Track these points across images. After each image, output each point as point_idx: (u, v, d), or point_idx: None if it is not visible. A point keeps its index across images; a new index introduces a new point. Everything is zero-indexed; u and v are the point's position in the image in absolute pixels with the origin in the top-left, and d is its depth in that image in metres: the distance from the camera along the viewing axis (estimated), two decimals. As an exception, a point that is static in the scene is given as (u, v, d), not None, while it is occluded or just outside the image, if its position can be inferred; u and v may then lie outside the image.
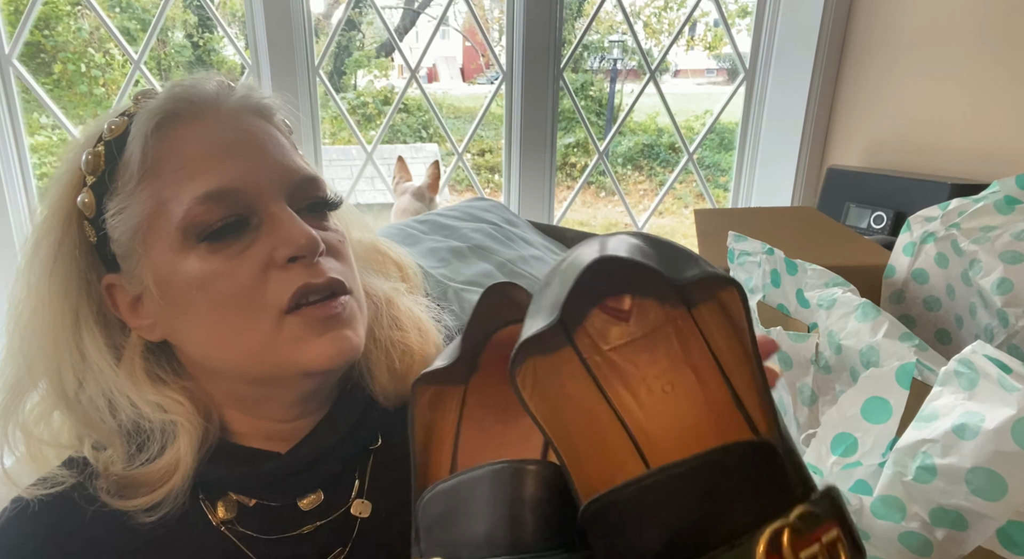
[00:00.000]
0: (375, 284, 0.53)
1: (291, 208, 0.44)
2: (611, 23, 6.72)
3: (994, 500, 0.32)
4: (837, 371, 0.52)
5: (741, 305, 0.28)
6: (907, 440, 0.36)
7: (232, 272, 0.42)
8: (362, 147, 1.35)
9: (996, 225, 0.58)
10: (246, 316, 0.42)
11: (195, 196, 0.41)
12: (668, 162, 6.70)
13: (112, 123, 0.44)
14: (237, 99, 0.46)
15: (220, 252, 0.42)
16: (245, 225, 0.42)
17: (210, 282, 0.42)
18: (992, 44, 1.14)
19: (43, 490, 0.45)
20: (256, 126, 0.45)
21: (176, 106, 0.43)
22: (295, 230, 0.42)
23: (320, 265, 0.43)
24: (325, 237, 0.45)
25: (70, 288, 0.44)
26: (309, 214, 0.45)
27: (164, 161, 0.42)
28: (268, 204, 0.43)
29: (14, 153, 1.10)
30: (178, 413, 0.44)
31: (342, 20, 1.40)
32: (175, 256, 0.42)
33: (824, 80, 1.42)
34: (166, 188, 0.42)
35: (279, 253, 0.42)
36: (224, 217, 0.42)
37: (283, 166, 0.44)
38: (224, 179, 0.42)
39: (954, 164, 1.21)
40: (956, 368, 0.36)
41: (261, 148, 0.44)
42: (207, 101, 0.44)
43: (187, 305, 0.43)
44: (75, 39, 4.53)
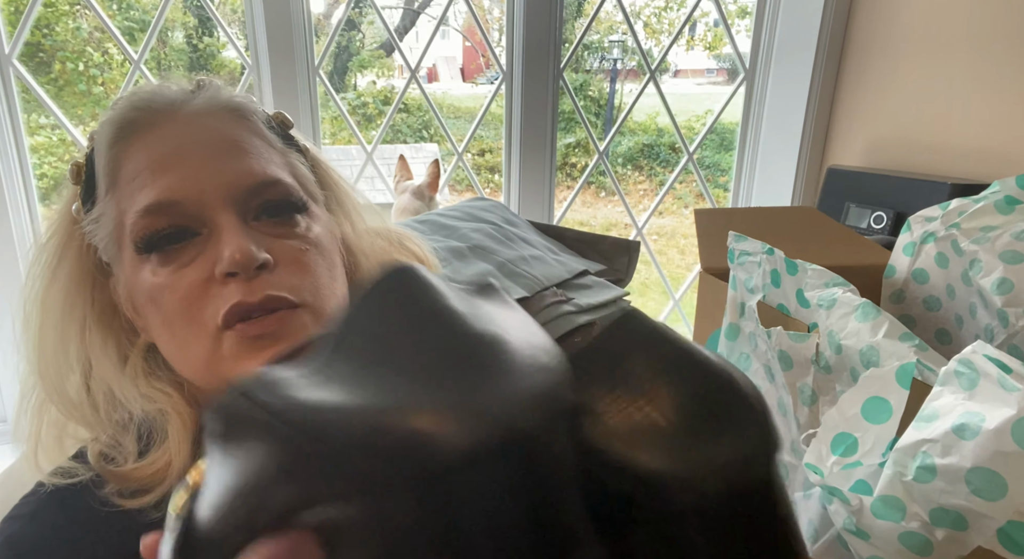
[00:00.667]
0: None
1: (246, 216, 0.42)
2: (611, 23, 6.73)
3: (994, 500, 0.32)
4: (837, 371, 0.52)
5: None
6: (907, 440, 0.36)
7: (175, 285, 0.41)
8: (362, 147, 1.35)
9: (996, 225, 0.58)
10: (190, 330, 0.42)
11: (138, 209, 0.41)
12: (668, 162, 6.70)
13: (94, 132, 0.44)
14: (200, 101, 0.44)
15: (168, 265, 0.41)
16: (189, 236, 0.41)
17: (158, 295, 0.41)
18: (992, 44, 1.14)
19: (63, 480, 0.45)
20: (215, 127, 0.43)
21: (133, 115, 0.43)
22: (229, 244, 0.40)
23: (259, 282, 0.41)
24: (282, 249, 0.43)
25: (72, 290, 0.45)
26: (270, 220, 0.43)
27: (121, 172, 0.42)
28: (214, 214, 0.41)
29: (14, 153, 1.10)
30: (165, 403, 0.44)
31: (342, 20, 1.40)
32: (135, 267, 0.42)
33: (824, 80, 1.42)
34: (123, 199, 0.42)
35: (217, 268, 0.41)
36: (166, 229, 0.41)
37: (233, 172, 0.42)
38: (164, 191, 0.41)
39: (954, 164, 1.21)
40: (956, 368, 0.36)
41: (213, 154, 0.42)
42: (165, 107, 0.43)
43: (147, 315, 0.43)
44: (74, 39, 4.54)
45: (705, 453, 0.21)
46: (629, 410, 0.23)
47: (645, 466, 0.21)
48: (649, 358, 0.24)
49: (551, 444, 0.19)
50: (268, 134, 0.46)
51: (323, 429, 0.18)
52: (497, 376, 0.20)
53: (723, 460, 0.21)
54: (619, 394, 0.23)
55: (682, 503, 0.21)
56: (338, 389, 0.20)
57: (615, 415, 0.22)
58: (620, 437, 0.22)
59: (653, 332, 0.25)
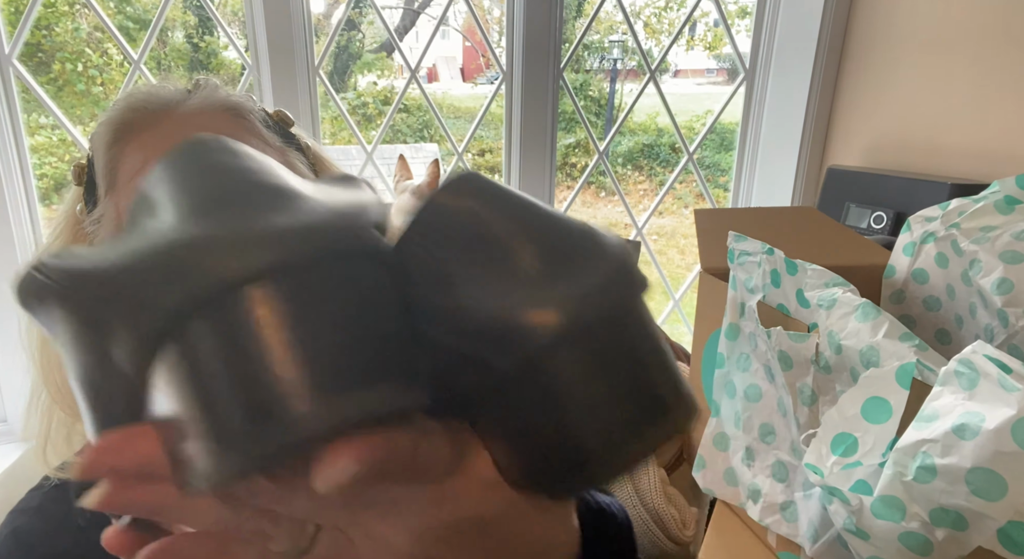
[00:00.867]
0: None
1: None
2: (611, 23, 6.73)
3: (994, 500, 0.32)
4: (837, 371, 0.52)
5: None
6: (907, 440, 0.36)
7: None
8: (362, 147, 1.35)
9: (996, 225, 0.58)
10: None
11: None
12: (668, 162, 6.70)
13: (94, 133, 0.45)
14: (196, 101, 0.44)
15: None
16: None
17: None
18: (992, 44, 1.14)
19: (68, 474, 0.46)
20: (211, 128, 0.44)
21: (130, 116, 0.43)
22: None
23: None
24: None
25: None
26: None
27: (119, 172, 0.42)
28: None
29: (14, 153, 1.10)
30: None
31: (342, 20, 1.40)
32: None
33: (824, 80, 1.42)
34: (122, 199, 0.42)
35: None
36: None
37: None
38: None
39: (954, 164, 1.21)
40: (956, 368, 0.36)
41: None
42: (161, 107, 0.43)
43: None
44: (73, 39, 4.54)
45: (553, 296, 0.21)
46: (481, 273, 0.22)
47: (498, 321, 0.21)
48: (500, 219, 0.23)
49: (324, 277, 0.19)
50: (266, 133, 0.46)
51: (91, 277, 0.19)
52: (273, 213, 0.20)
53: (579, 291, 0.21)
54: (468, 257, 0.22)
55: (541, 343, 0.20)
56: (118, 243, 0.20)
57: (466, 278, 0.22)
58: (472, 298, 0.21)
59: (497, 192, 0.24)
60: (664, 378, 0.22)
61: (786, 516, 0.54)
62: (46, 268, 0.20)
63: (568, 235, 0.23)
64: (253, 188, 0.21)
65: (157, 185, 0.22)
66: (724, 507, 0.66)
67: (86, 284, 0.19)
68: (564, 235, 0.23)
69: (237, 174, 0.21)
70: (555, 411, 0.21)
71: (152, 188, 0.22)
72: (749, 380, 0.63)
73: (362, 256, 0.21)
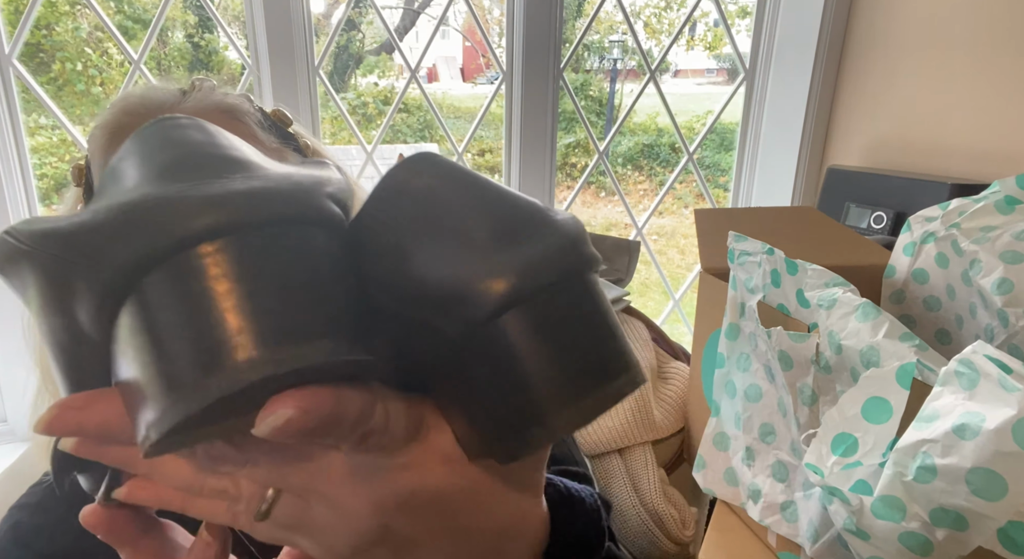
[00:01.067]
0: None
1: None
2: (611, 23, 6.73)
3: (994, 500, 0.32)
4: (837, 371, 0.52)
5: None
6: (907, 440, 0.36)
7: None
8: (362, 147, 1.35)
9: (996, 225, 0.58)
10: None
11: None
12: (668, 162, 6.70)
13: (93, 134, 0.44)
14: (190, 104, 0.44)
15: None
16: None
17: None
18: (992, 44, 1.14)
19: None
20: None
21: (124, 119, 0.43)
22: None
23: None
24: None
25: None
26: None
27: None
28: None
29: (14, 153, 1.10)
30: None
31: (342, 20, 1.40)
32: None
33: (824, 80, 1.42)
34: None
35: None
36: None
37: None
38: None
39: (954, 164, 1.21)
40: (956, 368, 0.36)
41: None
42: (155, 110, 0.43)
43: None
44: (73, 38, 4.54)
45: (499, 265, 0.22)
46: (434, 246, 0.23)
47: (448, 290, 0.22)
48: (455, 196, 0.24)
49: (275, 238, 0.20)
50: (262, 135, 0.46)
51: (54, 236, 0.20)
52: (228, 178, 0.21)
53: (524, 260, 0.22)
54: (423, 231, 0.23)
55: (480, 312, 0.21)
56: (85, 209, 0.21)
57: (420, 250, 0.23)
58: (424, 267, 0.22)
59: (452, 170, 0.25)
60: (609, 346, 0.23)
61: (786, 516, 0.54)
62: (16, 231, 0.21)
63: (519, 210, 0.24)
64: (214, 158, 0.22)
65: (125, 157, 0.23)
66: (724, 507, 0.66)
67: (50, 243, 0.20)
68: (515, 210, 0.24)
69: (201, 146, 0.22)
70: (503, 373, 0.22)
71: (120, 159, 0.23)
72: (749, 380, 0.63)
73: (314, 223, 0.22)
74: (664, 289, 1.62)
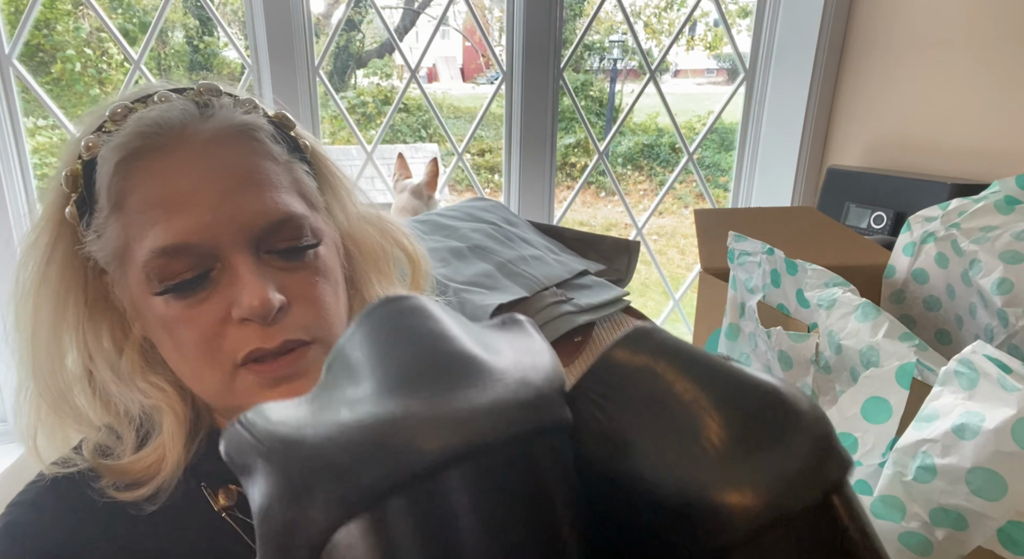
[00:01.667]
0: (373, 290, 0.52)
1: (259, 252, 0.43)
2: (611, 23, 6.73)
3: (994, 500, 0.32)
4: (837, 371, 0.52)
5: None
6: (907, 440, 0.36)
7: (191, 321, 0.42)
8: (362, 147, 1.35)
9: (996, 225, 0.58)
10: (204, 363, 0.43)
11: (152, 249, 0.41)
12: (668, 162, 6.70)
13: (89, 141, 0.43)
14: (210, 127, 0.43)
15: (182, 298, 0.42)
16: (206, 278, 0.42)
17: (172, 327, 0.42)
18: (992, 44, 1.14)
19: (62, 470, 0.46)
20: (226, 159, 0.43)
21: (140, 142, 0.41)
22: (248, 291, 0.41)
23: (277, 327, 0.42)
24: (293, 284, 0.43)
25: (63, 286, 0.45)
26: (279, 256, 0.44)
27: (130, 199, 0.41)
28: (230, 253, 0.41)
29: (14, 153, 1.10)
30: (159, 399, 0.45)
31: (342, 20, 1.40)
32: (143, 292, 0.42)
33: (824, 80, 1.42)
34: (132, 226, 0.41)
35: (234, 311, 0.41)
36: (185, 271, 0.41)
37: (248, 211, 0.42)
38: (179, 233, 0.40)
39: (954, 164, 1.21)
40: (956, 368, 0.36)
41: (226, 191, 0.42)
42: (171, 133, 0.42)
43: (157, 337, 0.44)
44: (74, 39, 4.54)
45: (750, 478, 0.19)
46: (663, 440, 0.21)
47: (684, 498, 0.20)
48: (681, 380, 0.22)
49: (518, 457, 0.20)
50: (275, 150, 0.45)
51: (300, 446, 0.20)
52: (467, 388, 0.20)
53: (768, 482, 0.20)
54: (649, 421, 0.21)
55: (727, 536, 0.19)
56: (321, 407, 0.21)
57: (647, 444, 0.21)
58: (655, 467, 0.21)
59: (678, 350, 0.23)
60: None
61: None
62: (252, 427, 0.21)
63: (755, 399, 0.21)
64: (447, 359, 0.21)
65: (355, 348, 0.23)
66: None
67: (294, 452, 0.20)
68: (751, 399, 0.21)
69: (431, 341, 0.22)
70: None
71: (351, 349, 0.23)
72: (749, 380, 0.63)
73: (552, 433, 0.21)
74: (664, 289, 1.63)
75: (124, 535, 0.46)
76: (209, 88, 0.46)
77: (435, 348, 0.22)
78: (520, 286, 0.91)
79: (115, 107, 0.44)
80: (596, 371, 0.23)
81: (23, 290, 0.45)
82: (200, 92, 0.45)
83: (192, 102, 0.44)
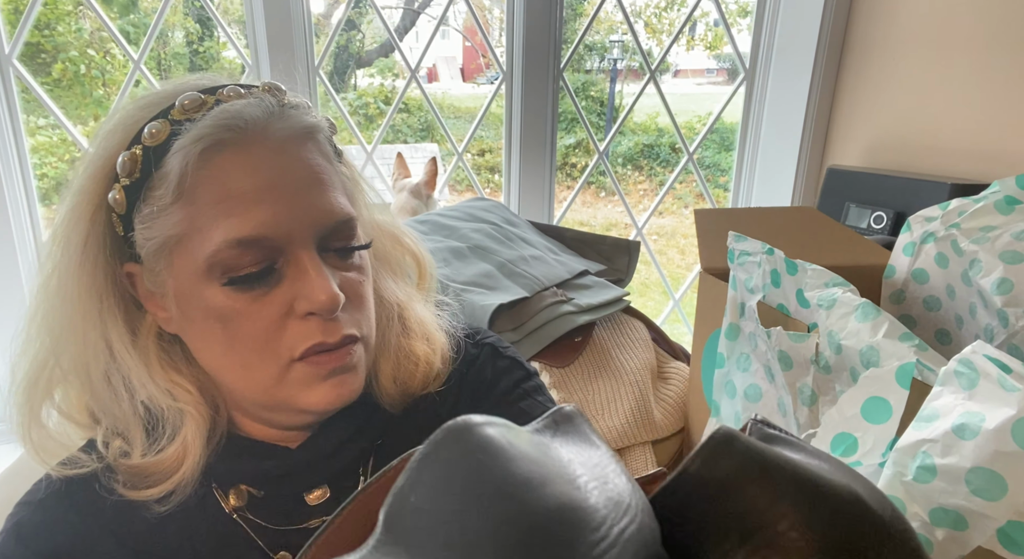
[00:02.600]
0: (390, 289, 0.53)
1: (321, 250, 0.44)
2: (611, 23, 6.73)
3: (994, 500, 0.32)
4: (837, 371, 0.52)
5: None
6: (907, 440, 0.36)
7: (253, 314, 0.42)
8: (362, 147, 1.35)
9: (996, 225, 0.58)
10: (258, 356, 0.43)
11: (227, 239, 0.41)
12: (668, 162, 6.70)
13: (153, 127, 0.42)
14: (286, 124, 0.44)
15: (245, 291, 0.42)
16: (271, 271, 0.43)
17: (230, 318, 0.42)
18: (992, 44, 1.14)
19: (70, 470, 0.46)
20: (300, 157, 0.44)
21: (224, 135, 0.42)
22: (318, 286, 0.42)
23: (337, 322, 0.44)
24: (346, 283, 0.45)
25: (97, 272, 0.45)
26: (336, 254, 0.45)
27: (203, 189, 0.42)
28: (297, 248, 0.43)
29: (14, 153, 1.10)
30: (186, 401, 0.45)
31: (342, 20, 1.40)
32: (198, 282, 0.42)
33: (824, 80, 1.42)
34: (201, 216, 0.41)
35: (299, 306, 0.43)
36: (253, 264, 0.42)
37: (318, 209, 0.43)
38: (258, 226, 0.41)
39: (954, 164, 1.21)
40: (956, 368, 0.36)
41: (301, 188, 0.43)
42: (255, 128, 0.43)
43: (204, 328, 0.44)
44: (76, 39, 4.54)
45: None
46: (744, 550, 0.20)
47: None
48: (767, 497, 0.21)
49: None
50: (329, 151, 0.47)
51: None
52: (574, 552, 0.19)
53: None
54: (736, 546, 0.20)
55: None
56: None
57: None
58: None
59: (764, 462, 0.21)
60: None
61: (786, 516, 0.54)
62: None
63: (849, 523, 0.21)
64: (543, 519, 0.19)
65: (425, 500, 0.20)
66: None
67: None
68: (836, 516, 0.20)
69: (517, 496, 0.19)
70: None
71: (420, 502, 0.20)
72: (749, 380, 0.63)
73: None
74: (664, 289, 1.63)
75: (133, 535, 0.46)
76: (275, 87, 0.47)
77: (525, 503, 0.19)
78: (520, 286, 0.91)
79: (184, 97, 0.43)
80: (677, 485, 0.21)
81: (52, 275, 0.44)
82: (268, 89, 0.46)
83: (270, 97, 0.45)
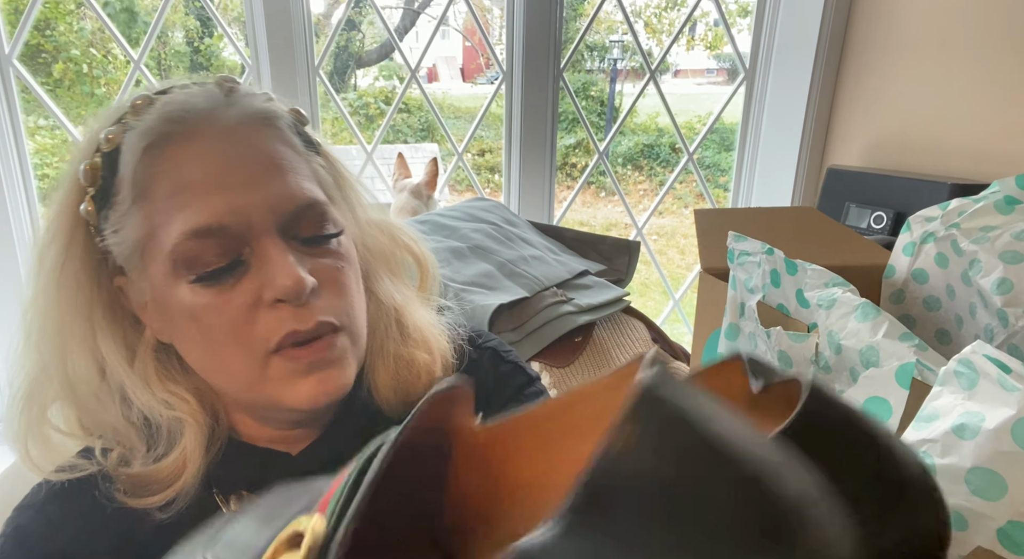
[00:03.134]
0: (387, 290, 0.52)
1: (286, 237, 0.43)
2: (611, 23, 6.73)
3: (994, 500, 0.32)
4: (837, 371, 0.52)
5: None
6: (907, 440, 0.36)
7: (221, 307, 0.41)
8: (362, 147, 1.35)
9: (996, 225, 0.58)
10: (233, 351, 0.42)
11: (184, 231, 0.40)
12: (668, 162, 6.71)
13: (109, 132, 0.43)
14: (235, 112, 0.43)
15: (211, 286, 0.41)
16: (236, 264, 0.42)
17: (200, 314, 0.42)
18: (992, 44, 1.14)
19: (67, 476, 0.46)
20: (253, 144, 0.43)
21: (167, 128, 0.41)
22: (281, 271, 0.41)
23: (308, 308, 0.42)
24: (320, 269, 0.43)
25: (80, 289, 0.44)
26: (305, 242, 0.44)
27: (157, 185, 0.41)
28: (260, 236, 0.42)
29: (14, 153, 1.10)
30: (184, 411, 0.45)
31: (342, 20, 1.40)
32: (170, 283, 0.42)
33: (824, 80, 1.42)
34: (157, 214, 0.41)
35: (266, 294, 0.41)
36: (217, 258, 0.41)
37: (276, 195, 0.42)
38: (213, 214, 0.40)
39: (954, 164, 1.21)
40: (956, 368, 0.36)
41: (255, 174, 0.42)
42: (198, 117, 0.42)
43: (183, 330, 0.43)
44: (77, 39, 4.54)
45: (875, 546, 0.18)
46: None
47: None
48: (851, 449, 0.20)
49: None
50: (294, 140, 0.46)
51: None
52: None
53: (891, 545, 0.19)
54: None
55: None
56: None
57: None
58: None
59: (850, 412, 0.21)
60: None
61: (786, 516, 0.54)
62: None
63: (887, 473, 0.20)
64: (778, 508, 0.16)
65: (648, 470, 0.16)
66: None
67: None
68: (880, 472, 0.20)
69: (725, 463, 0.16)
70: None
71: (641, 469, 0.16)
72: (749, 380, 0.63)
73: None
74: (664, 289, 1.63)
75: (133, 542, 0.45)
76: (228, 78, 0.46)
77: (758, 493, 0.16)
78: (520, 286, 0.91)
79: (135, 98, 0.43)
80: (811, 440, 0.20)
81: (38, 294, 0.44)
82: (219, 82, 0.45)
83: (216, 88, 0.44)
